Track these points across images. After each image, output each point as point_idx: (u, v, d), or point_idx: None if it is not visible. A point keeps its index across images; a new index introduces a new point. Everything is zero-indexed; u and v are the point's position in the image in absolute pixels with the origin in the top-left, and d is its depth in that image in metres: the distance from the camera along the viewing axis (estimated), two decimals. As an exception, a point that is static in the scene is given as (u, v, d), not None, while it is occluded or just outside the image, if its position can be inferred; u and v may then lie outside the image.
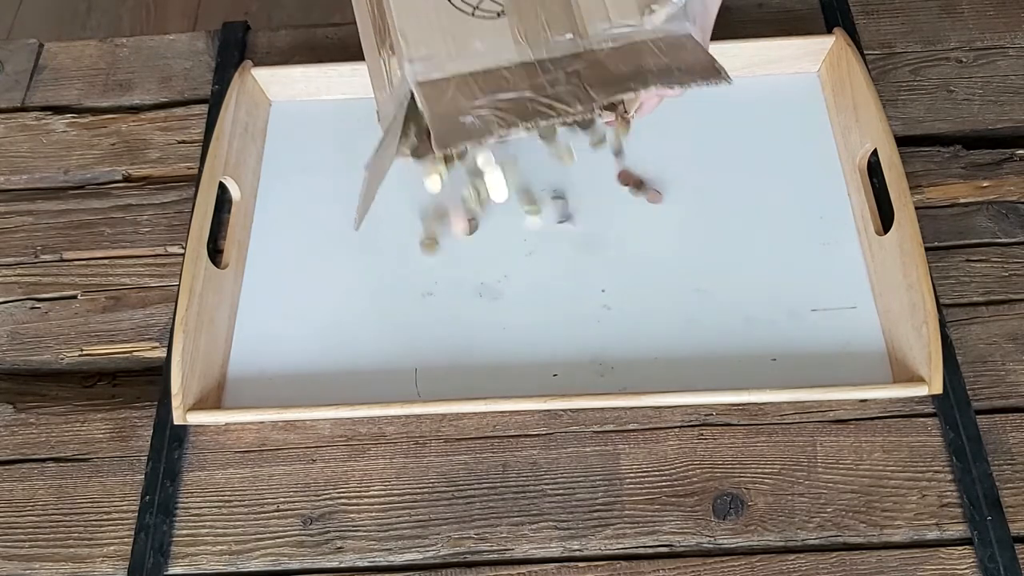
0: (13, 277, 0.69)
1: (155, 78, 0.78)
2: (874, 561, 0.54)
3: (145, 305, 0.67)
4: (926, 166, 0.69)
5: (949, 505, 0.56)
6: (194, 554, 0.57)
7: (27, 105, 0.78)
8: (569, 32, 0.55)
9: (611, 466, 0.58)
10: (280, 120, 0.74)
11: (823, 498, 0.56)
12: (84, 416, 0.62)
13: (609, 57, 0.55)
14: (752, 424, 0.59)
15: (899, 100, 0.73)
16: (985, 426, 0.58)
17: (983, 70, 0.74)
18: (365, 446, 0.60)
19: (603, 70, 0.55)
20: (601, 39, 0.55)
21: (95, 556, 0.57)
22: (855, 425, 0.59)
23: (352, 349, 0.63)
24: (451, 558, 0.56)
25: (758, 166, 0.69)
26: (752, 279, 0.64)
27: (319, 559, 0.56)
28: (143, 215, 0.71)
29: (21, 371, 0.65)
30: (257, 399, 0.61)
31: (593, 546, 0.56)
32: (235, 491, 0.58)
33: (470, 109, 0.53)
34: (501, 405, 0.59)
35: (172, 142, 0.75)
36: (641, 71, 0.54)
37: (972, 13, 0.77)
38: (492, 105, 0.53)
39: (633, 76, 0.54)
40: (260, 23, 0.82)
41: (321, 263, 0.67)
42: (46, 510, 0.59)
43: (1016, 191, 0.68)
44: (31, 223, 0.71)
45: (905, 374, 0.58)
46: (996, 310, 0.63)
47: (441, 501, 0.57)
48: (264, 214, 0.70)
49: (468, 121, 0.52)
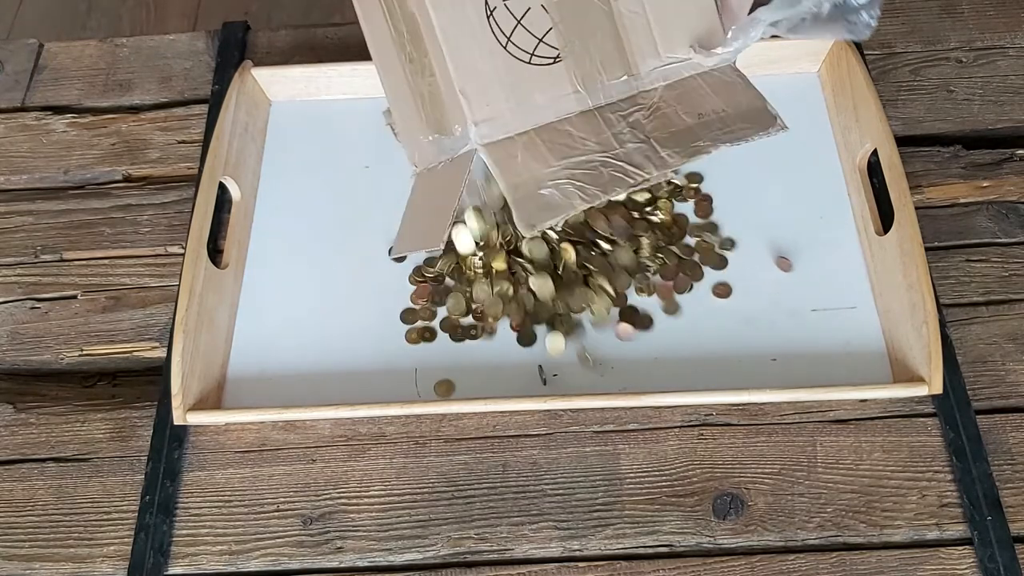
0: (13, 277, 0.69)
1: (155, 78, 0.78)
2: (874, 561, 0.54)
3: (145, 305, 0.67)
4: (926, 166, 0.69)
5: (949, 505, 0.56)
6: (194, 554, 0.57)
7: (27, 105, 0.78)
8: (624, 73, 0.55)
9: (611, 466, 0.58)
10: (280, 120, 0.74)
11: (823, 498, 0.56)
12: (84, 416, 0.62)
13: (665, 101, 0.55)
14: (752, 424, 0.59)
15: (899, 100, 0.73)
16: (985, 426, 0.58)
17: (983, 70, 0.74)
18: (365, 446, 0.60)
19: (666, 121, 0.55)
20: (653, 78, 0.56)
21: (95, 556, 0.57)
22: (855, 425, 0.59)
23: (352, 349, 0.63)
24: (451, 558, 0.56)
25: (758, 166, 0.69)
26: (752, 279, 0.64)
27: (319, 559, 0.56)
28: (143, 215, 0.71)
29: (21, 371, 0.65)
30: (257, 399, 0.61)
31: (593, 546, 0.56)
32: (235, 491, 0.58)
33: (547, 179, 0.52)
34: (501, 405, 0.59)
35: (172, 142, 0.75)
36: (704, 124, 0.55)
37: (972, 13, 0.77)
38: (568, 173, 0.53)
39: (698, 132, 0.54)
40: (260, 23, 0.82)
41: (321, 263, 0.67)
42: (46, 510, 0.59)
43: (1016, 191, 0.68)
44: (31, 223, 0.71)
45: (905, 374, 0.58)
46: (996, 310, 0.63)
47: (441, 501, 0.57)
48: (264, 214, 0.70)
49: (548, 193, 0.52)
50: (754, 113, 0.57)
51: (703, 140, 0.55)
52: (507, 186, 0.53)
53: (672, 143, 0.55)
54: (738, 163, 0.69)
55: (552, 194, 0.53)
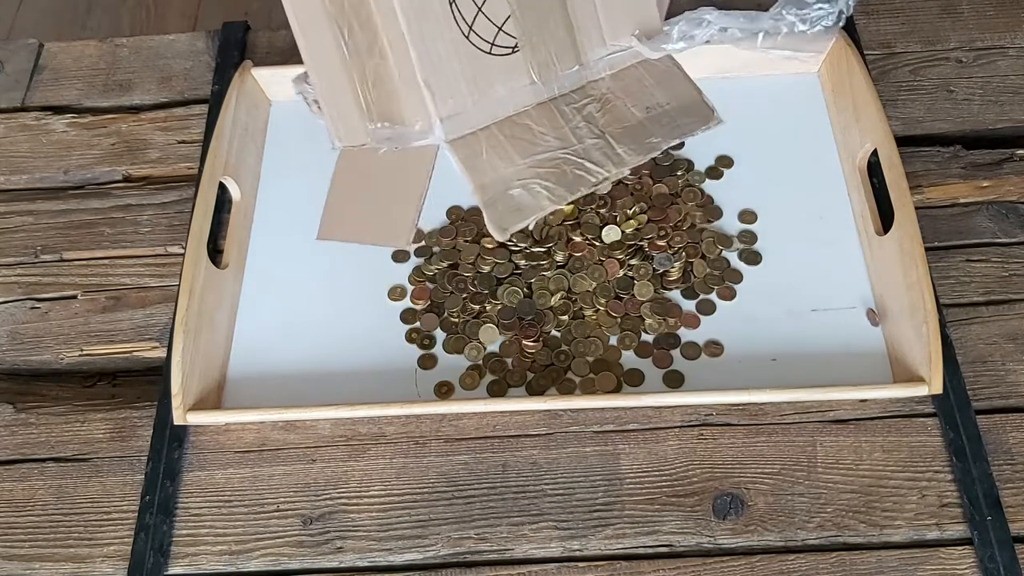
0: (13, 277, 0.69)
1: (155, 78, 0.78)
2: (874, 561, 0.54)
3: (145, 305, 0.67)
4: (926, 166, 0.69)
5: (949, 505, 0.56)
6: (194, 554, 0.57)
7: (27, 105, 0.78)
8: (575, 63, 0.55)
9: (611, 466, 0.58)
10: (280, 120, 0.74)
11: (823, 498, 0.56)
12: (84, 416, 0.62)
13: (613, 93, 0.56)
14: (752, 424, 0.59)
15: (899, 100, 0.73)
16: (985, 426, 0.58)
17: (983, 70, 0.74)
18: (365, 446, 0.60)
19: (617, 115, 0.55)
20: (600, 68, 0.56)
21: (95, 556, 0.57)
22: (855, 425, 0.59)
23: (352, 349, 0.63)
24: (451, 558, 0.56)
25: (758, 165, 0.69)
26: (752, 279, 0.64)
27: (319, 559, 0.56)
28: (143, 215, 0.71)
29: (21, 371, 0.65)
30: (257, 399, 0.61)
31: (593, 546, 0.55)
32: (235, 491, 0.58)
33: (514, 179, 0.53)
34: (501, 405, 0.59)
35: (172, 142, 0.75)
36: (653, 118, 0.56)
37: (972, 13, 0.77)
38: (533, 172, 0.53)
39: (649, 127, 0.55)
40: (260, 23, 0.81)
41: (321, 263, 0.67)
42: (46, 510, 0.59)
43: (1016, 191, 0.68)
44: (31, 223, 0.71)
45: (905, 374, 0.58)
46: (996, 310, 0.63)
47: (441, 501, 0.57)
48: (264, 214, 0.70)
49: (517, 194, 0.52)
50: (695, 107, 0.57)
51: (654, 136, 0.56)
52: (476, 187, 0.53)
53: (627, 139, 0.55)
54: (738, 162, 0.69)
55: (521, 195, 0.53)
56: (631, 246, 0.65)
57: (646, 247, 0.65)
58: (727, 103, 0.63)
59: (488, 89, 0.54)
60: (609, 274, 0.64)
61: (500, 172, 0.53)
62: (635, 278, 0.64)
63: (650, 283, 0.63)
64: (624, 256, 0.65)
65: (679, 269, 0.64)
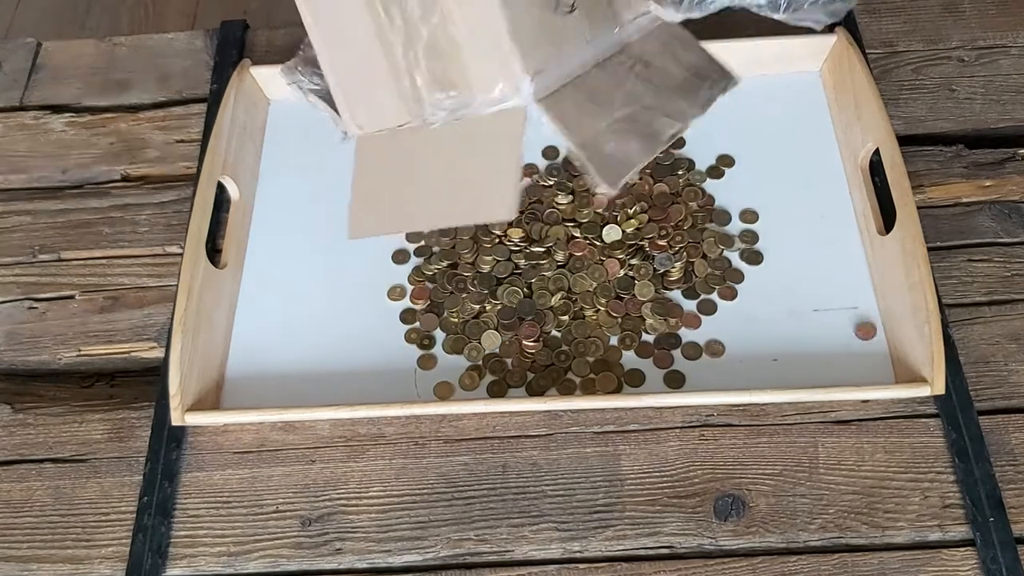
0: (11, 277, 0.68)
1: (153, 77, 0.78)
2: (876, 563, 0.54)
3: (143, 305, 0.66)
4: (928, 165, 0.69)
5: (951, 506, 0.55)
6: (192, 555, 0.56)
7: (25, 104, 0.77)
8: (616, 24, 0.54)
9: (612, 467, 0.58)
10: (279, 119, 0.74)
11: (825, 499, 0.56)
12: (82, 417, 0.62)
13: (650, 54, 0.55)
14: (753, 425, 0.59)
15: (901, 99, 0.72)
16: (987, 427, 0.58)
17: (985, 69, 0.74)
18: (364, 447, 0.59)
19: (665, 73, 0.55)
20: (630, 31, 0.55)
21: (93, 557, 0.57)
22: (857, 426, 0.58)
23: (352, 349, 0.63)
24: (450, 560, 0.55)
25: (759, 165, 0.69)
26: (753, 279, 0.64)
27: (318, 560, 0.56)
28: (141, 215, 0.71)
29: (19, 371, 0.65)
30: (256, 399, 0.61)
31: (594, 547, 0.55)
32: (234, 492, 0.58)
33: (608, 133, 0.52)
34: (501, 406, 0.59)
35: (170, 141, 0.74)
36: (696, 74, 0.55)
37: (974, 12, 0.77)
38: (619, 127, 0.52)
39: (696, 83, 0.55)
40: (259, 22, 0.81)
41: (320, 263, 0.67)
42: (44, 511, 0.58)
43: (1019, 191, 0.68)
44: (29, 223, 0.71)
45: (907, 374, 0.58)
46: (999, 310, 0.62)
47: (440, 502, 0.57)
48: (263, 214, 0.69)
49: (612, 148, 0.52)
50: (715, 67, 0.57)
51: (702, 90, 0.55)
52: (577, 145, 0.52)
53: (680, 95, 0.54)
54: (738, 162, 0.69)
55: (617, 147, 0.52)
56: (632, 246, 0.65)
57: (647, 247, 0.65)
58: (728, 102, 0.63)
59: (559, 48, 0.53)
60: (610, 274, 0.64)
61: (592, 127, 0.52)
62: (636, 278, 0.64)
63: (651, 283, 0.63)
64: (625, 256, 0.64)
65: (680, 269, 0.64)
